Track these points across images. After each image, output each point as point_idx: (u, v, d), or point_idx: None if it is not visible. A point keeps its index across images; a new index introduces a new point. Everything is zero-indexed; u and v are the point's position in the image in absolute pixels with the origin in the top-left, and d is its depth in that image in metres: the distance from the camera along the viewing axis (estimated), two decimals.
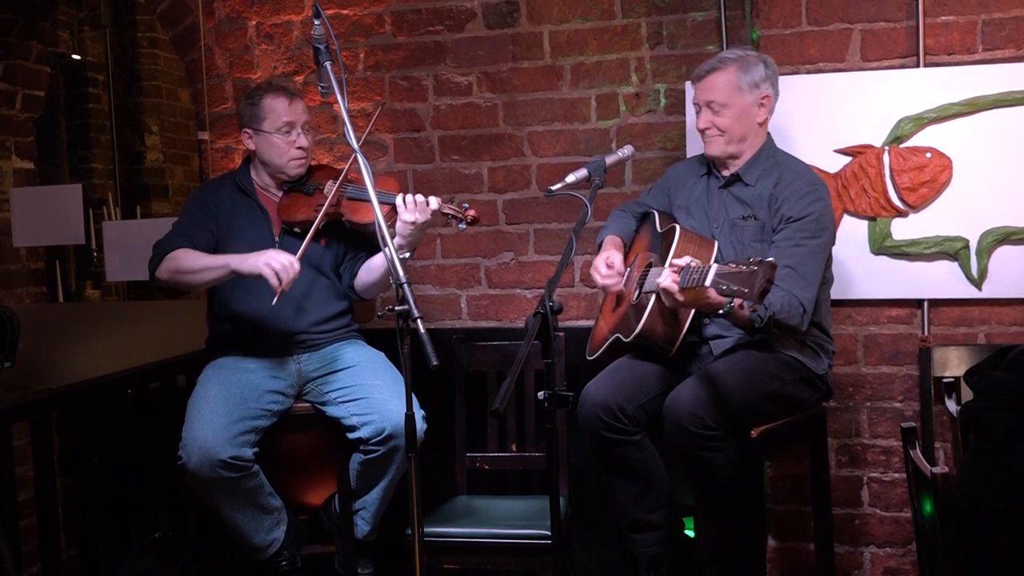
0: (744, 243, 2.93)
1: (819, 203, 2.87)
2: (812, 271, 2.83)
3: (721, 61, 2.97)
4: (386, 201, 3.05)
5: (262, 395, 3.10)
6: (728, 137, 2.96)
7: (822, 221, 2.87)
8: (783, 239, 2.85)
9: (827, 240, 2.91)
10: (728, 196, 3.01)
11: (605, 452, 2.95)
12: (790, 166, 2.98)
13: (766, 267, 2.31)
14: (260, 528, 3.12)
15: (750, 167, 2.98)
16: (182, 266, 3.09)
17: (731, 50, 3.04)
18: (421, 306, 2.37)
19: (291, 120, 3.20)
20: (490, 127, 3.76)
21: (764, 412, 2.86)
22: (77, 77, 6.27)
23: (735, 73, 2.94)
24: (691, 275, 2.53)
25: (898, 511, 3.40)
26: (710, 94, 2.96)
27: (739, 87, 2.94)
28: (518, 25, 3.70)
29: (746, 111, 2.95)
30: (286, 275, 2.91)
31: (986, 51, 3.22)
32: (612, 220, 3.27)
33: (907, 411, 3.37)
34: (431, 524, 3.12)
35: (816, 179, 2.94)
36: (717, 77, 2.95)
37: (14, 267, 4.69)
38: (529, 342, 2.37)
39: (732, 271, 2.38)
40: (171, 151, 6.73)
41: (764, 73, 2.95)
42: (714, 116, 2.95)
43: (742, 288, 2.34)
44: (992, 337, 3.27)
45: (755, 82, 2.94)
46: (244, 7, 3.94)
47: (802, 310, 2.77)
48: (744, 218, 2.95)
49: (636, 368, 3.00)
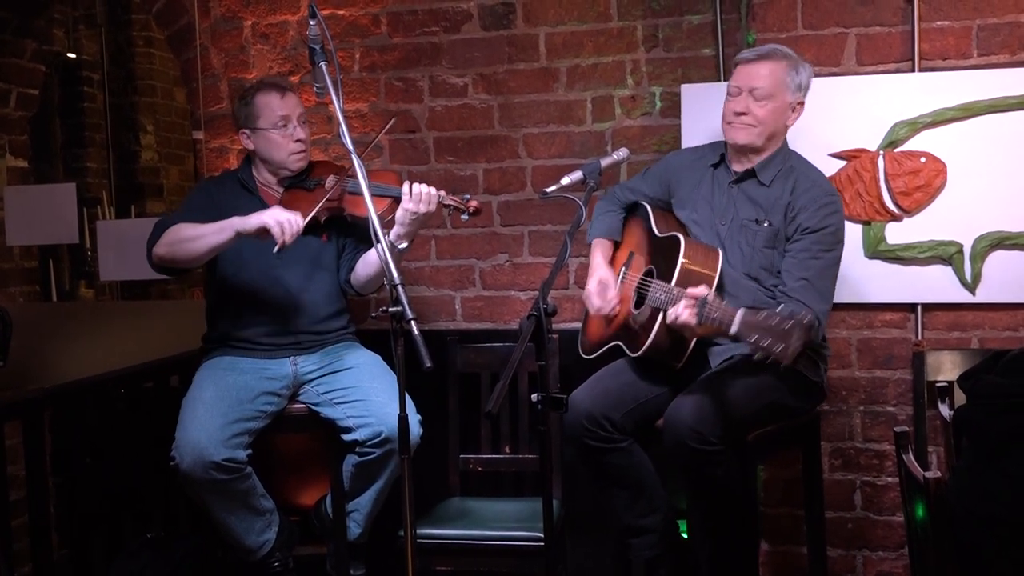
0: (755, 248, 2.88)
1: (836, 216, 2.84)
2: (827, 285, 2.81)
3: (774, 51, 2.91)
4: (389, 195, 3.06)
5: (257, 396, 3.09)
6: (761, 130, 2.89)
7: (839, 235, 2.85)
8: (799, 250, 2.81)
9: (840, 253, 2.88)
10: (739, 193, 2.95)
11: (591, 460, 2.93)
12: (807, 173, 2.92)
13: (802, 328, 2.26)
14: (251, 529, 3.12)
15: (766, 166, 2.92)
16: (182, 235, 3.04)
17: (781, 46, 2.97)
18: (415, 307, 2.36)
19: (286, 114, 3.20)
20: (485, 129, 3.76)
21: (762, 421, 2.86)
22: (72, 76, 6.26)
23: (786, 68, 2.88)
24: (710, 314, 2.50)
25: (891, 515, 3.40)
26: (756, 80, 2.87)
27: (786, 83, 2.88)
28: (514, 27, 3.70)
29: (783, 110, 2.90)
30: (290, 228, 2.89)
31: (981, 56, 3.23)
32: (598, 217, 3.21)
33: (900, 415, 3.37)
34: (424, 526, 3.12)
35: (833, 189, 2.91)
36: (768, 66, 2.88)
37: (8, 266, 4.68)
38: (523, 344, 2.37)
39: (761, 323, 2.35)
40: (166, 150, 6.72)
41: (807, 80, 2.92)
42: (754, 103, 2.87)
43: (773, 345, 2.30)
44: (986, 342, 3.28)
45: (800, 85, 2.90)
46: (240, 7, 3.94)
47: (817, 324, 2.72)
48: (758, 222, 2.89)
49: (623, 375, 2.99)
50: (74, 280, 6.15)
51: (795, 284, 2.78)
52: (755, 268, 2.89)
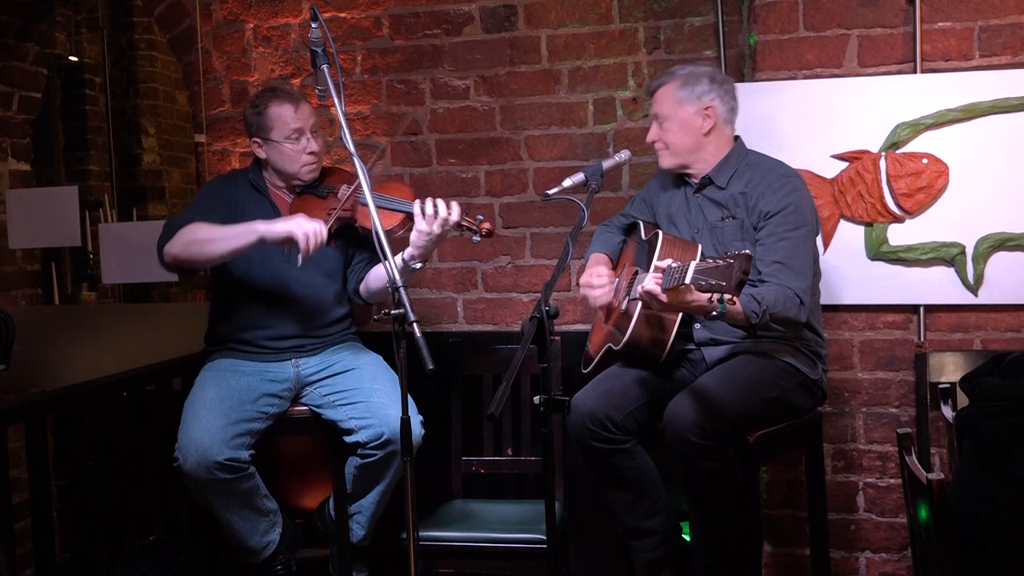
0: (725, 243, 2.92)
1: (794, 194, 2.88)
2: (801, 262, 2.83)
3: (668, 75, 3.01)
4: (402, 209, 3.04)
5: (258, 398, 3.10)
6: (673, 151, 2.99)
7: (800, 211, 2.87)
8: (766, 235, 2.85)
9: (810, 230, 2.90)
10: (703, 200, 3.01)
11: (596, 462, 2.94)
12: (761, 164, 2.98)
13: (742, 259, 2.30)
14: (256, 530, 3.12)
15: (720, 170, 2.98)
16: (200, 235, 3.02)
17: (683, 65, 3.06)
18: (417, 310, 2.37)
19: (299, 127, 3.17)
20: (487, 131, 3.76)
21: (763, 419, 2.86)
22: (74, 79, 6.27)
23: (675, 87, 2.97)
24: (672, 275, 2.51)
25: (893, 517, 3.39)
26: (655, 106, 3.02)
27: (678, 100, 2.95)
28: (516, 29, 3.70)
29: (688, 123, 2.96)
30: (315, 239, 2.90)
31: (983, 57, 3.22)
32: (597, 237, 3.29)
33: (903, 417, 3.37)
34: (426, 528, 3.12)
35: (789, 171, 2.95)
36: (661, 92, 3.00)
37: (10, 269, 4.68)
38: (525, 346, 2.37)
39: (710, 266, 2.38)
40: (168, 153, 6.73)
41: (707, 86, 2.96)
42: (660, 129, 3.00)
43: (720, 282, 2.34)
44: (988, 343, 3.27)
45: (697, 93, 2.95)
46: (242, 10, 3.94)
47: (798, 300, 2.76)
48: (723, 219, 2.95)
49: (624, 376, 2.99)
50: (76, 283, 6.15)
51: (769, 269, 2.81)
52: None
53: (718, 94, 2.97)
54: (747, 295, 2.66)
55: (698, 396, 2.76)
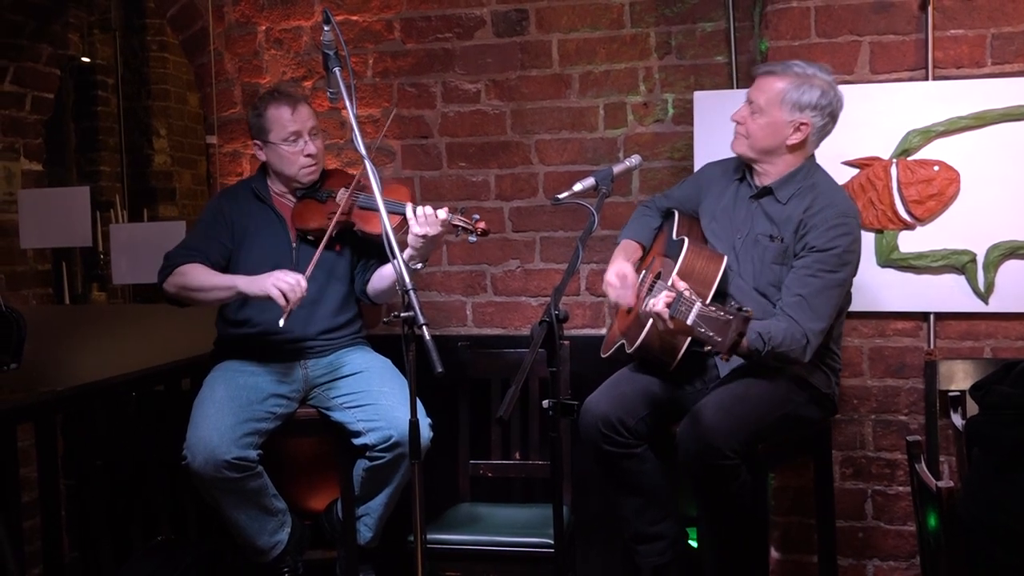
0: (764, 263, 2.87)
1: (846, 238, 2.78)
2: (824, 304, 2.76)
3: (785, 67, 2.87)
4: (397, 211, 3.05)
5: (267, 398, 3.10)
6: (750, 143, 2.90)
7: (845, 257, 2.79)
8: (801, 266, 2.78)
9: (847, 276, 2.83)
10: (757, 209, 2.93)
11: (607, 465, 2.93)
12: (825, 191, 2.86)
13: (740, 320, 2.28)
14: (264, 530, 3.13)
15: (784, 184, 2.89)
16: (190, 283, 3.10)
17: (806, 63, 2.89)
18: (426, 313, 2.36)
19: (297, 129, 3.19)
20: (498, 135, 3.76)
21: (775, 433, 2.85)
22: (86, 80, 6.31)
23: (786, 86, 2.83)
24: (679, 307, 2.51)
25: (902, 524, 3.38)
26: (755, 93, 2.88)
27: (782, 100, 2.83)
28: (527, 33, 3.71)
29: (776, 126, 2.85)
30: (293, 295, 2.91)
31: (995, 65, 3.22)
32: (634, 220, 3.22)
33: (912, 424, 3.36)
34: (434, 531, 3.12)
35: (849, 210, 2.84)
36: (769, 81, 2.87)
37: (21, 268, 4.70)
38: (534, 350, 2.36)
39: (711, 315, 2.37)
40: (179, 155, 6.76)
41: (816, 101, 2.81)
42: (749, 115, 2.89)
43: (715, 336, 2.33)
44: (998, 351, 3.26)
45: (801, 104, 2.82)
46: (254, 12, 3.95)
47: (805, 342, 2.71)
48: (771, 238, 2.87)
49: (636, 381, 2.98)
50: (87, 283, 6.18)
51: (790, 299, 2.76)
52: (763, 284, 2.88)
53: (820, 115, 2.83)
54: (755, 332, 2.59)
55: (711, 415, 2.73)
